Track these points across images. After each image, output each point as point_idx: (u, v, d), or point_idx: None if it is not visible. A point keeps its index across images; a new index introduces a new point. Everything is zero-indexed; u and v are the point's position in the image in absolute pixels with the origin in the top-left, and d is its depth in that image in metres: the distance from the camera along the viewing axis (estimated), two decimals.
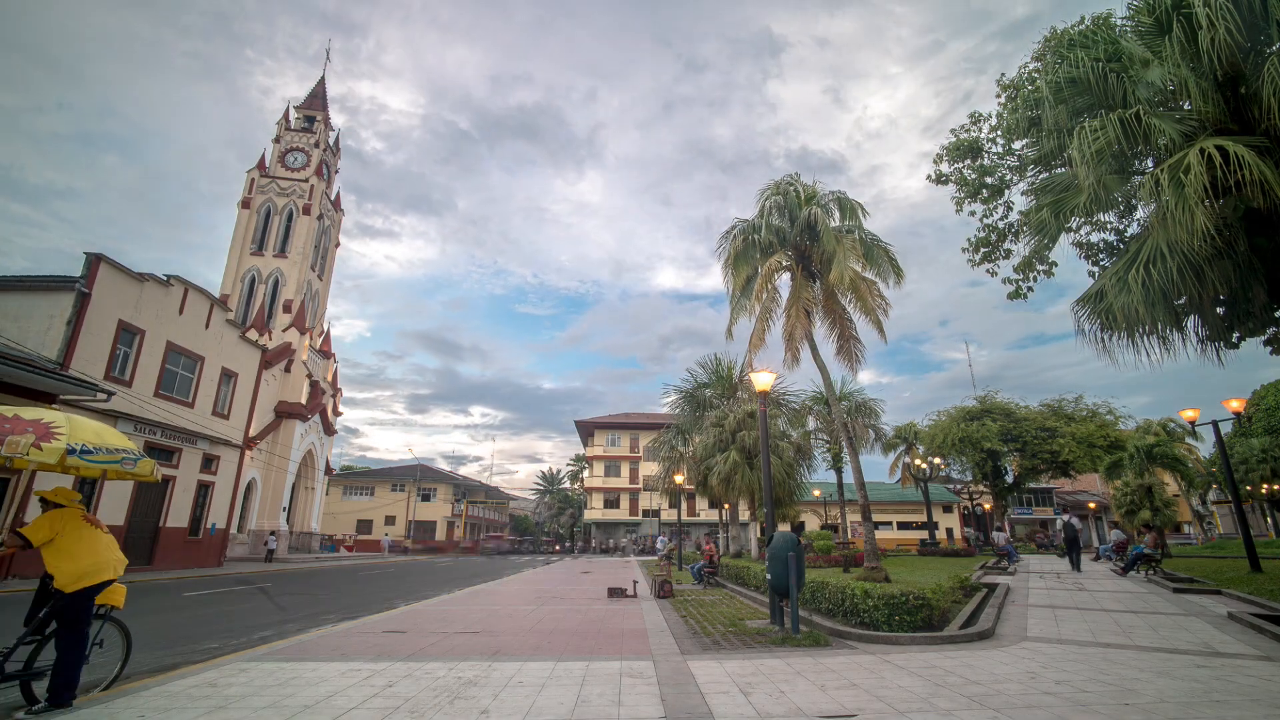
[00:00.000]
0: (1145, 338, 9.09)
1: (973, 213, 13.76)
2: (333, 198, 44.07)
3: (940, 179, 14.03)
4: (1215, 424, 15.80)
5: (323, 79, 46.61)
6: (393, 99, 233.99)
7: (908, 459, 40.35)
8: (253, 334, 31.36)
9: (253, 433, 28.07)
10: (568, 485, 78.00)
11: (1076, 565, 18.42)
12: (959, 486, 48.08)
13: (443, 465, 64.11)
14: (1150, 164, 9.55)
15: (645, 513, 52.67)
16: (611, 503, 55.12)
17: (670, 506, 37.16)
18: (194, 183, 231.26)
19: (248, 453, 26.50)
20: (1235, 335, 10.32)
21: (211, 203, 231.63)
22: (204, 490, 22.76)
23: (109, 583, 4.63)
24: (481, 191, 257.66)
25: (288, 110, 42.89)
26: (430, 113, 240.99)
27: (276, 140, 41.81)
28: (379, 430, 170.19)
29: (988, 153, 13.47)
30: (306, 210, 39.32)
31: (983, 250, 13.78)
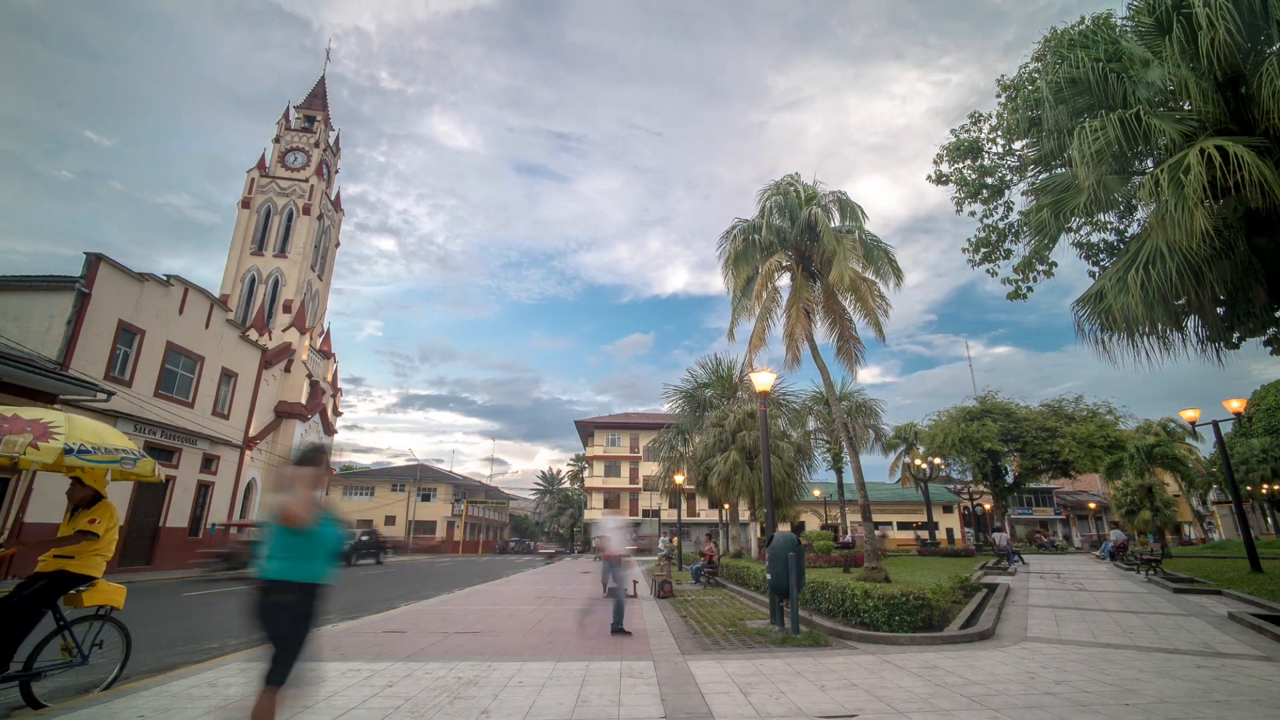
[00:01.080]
0: (1145, 338, 9.09)
1: (973, 213, 13.77)
2: (333, 198, 44.05)
3: (940, 179, 14.03)
4: (1215, 424, 15.79)
5: (323, 79, 46.59)
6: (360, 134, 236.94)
7: (908, 459, 40.37)
8: (253, 334, 31.36)
9: (253, 433, 28.05)
10: (568, 485, 78.06)
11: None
12: (959, 486, 48.08)
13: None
14: (1150, 164, 9.55)
15: (645, 513, 52.65)
16: (612, 503, 55.10)
17: (670, 506, 37.16)
18: (180, 215, 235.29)
19: (248, 453, 26.49)
20: (1235, 335, 10.32)
21: (197, 231, 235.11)
22: (204, 490, 22.76)
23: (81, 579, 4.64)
24: (445, 212, 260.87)
25: (288, 110, 42.85)
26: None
27: (276, 140, 41.78)
28: (346, 433, 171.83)
29: (988, 153, 13.47)
30: (306, 210, 39.31)
31: (983, 250, 13.78)
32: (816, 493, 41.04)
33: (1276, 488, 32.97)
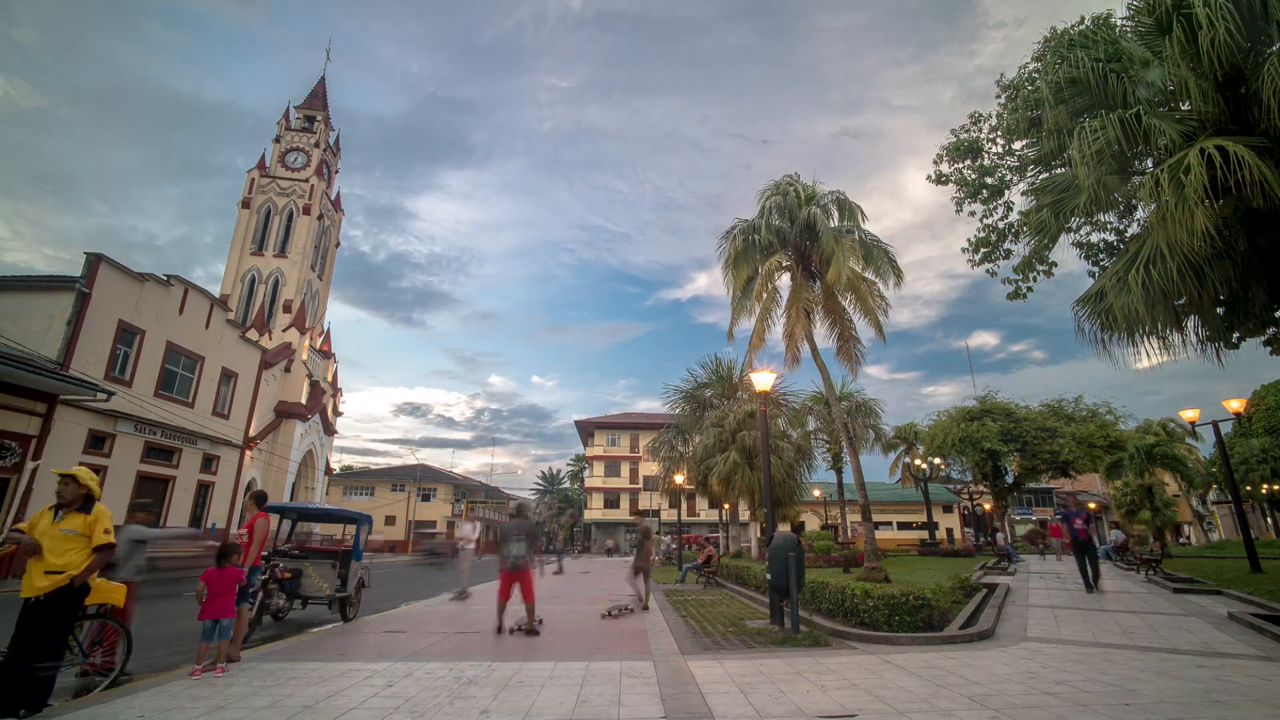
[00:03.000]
0: (1145, 338, 9.08)
1: (973, 213, 13.77)
2: (333, 198, 44.05)
3: (940, 179, 14.03)
4: (1215, 424, 15.79)
5: (323, 79, 46.58)
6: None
7: (908, 459, 40.35)
8: (253, 334, 31.37)
9: (253, 433, 28.05)
10: (568, 485, 78.13)
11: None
12: (959, 486, 48.05)
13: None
14: (1150, 164, 9.54)
15: (645, 513, 52.60)
16: (612, 503, 55.11)
17: (670, 506, 37.17)
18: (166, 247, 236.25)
19: (248, 453, 26.49)
20: (1235, 335, 10.32)
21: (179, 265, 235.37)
22: (204, 490, 22.75)
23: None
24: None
25: (288, 110, 42.84)
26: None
27: (277, 140, 41.77)
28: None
29: (988, 153, 13.47)
30: (307, 210, 39.31)
31: (983, 250, 13.79)
32: (816, 493, 41.04)
33: (1276, 488, 32.96)
